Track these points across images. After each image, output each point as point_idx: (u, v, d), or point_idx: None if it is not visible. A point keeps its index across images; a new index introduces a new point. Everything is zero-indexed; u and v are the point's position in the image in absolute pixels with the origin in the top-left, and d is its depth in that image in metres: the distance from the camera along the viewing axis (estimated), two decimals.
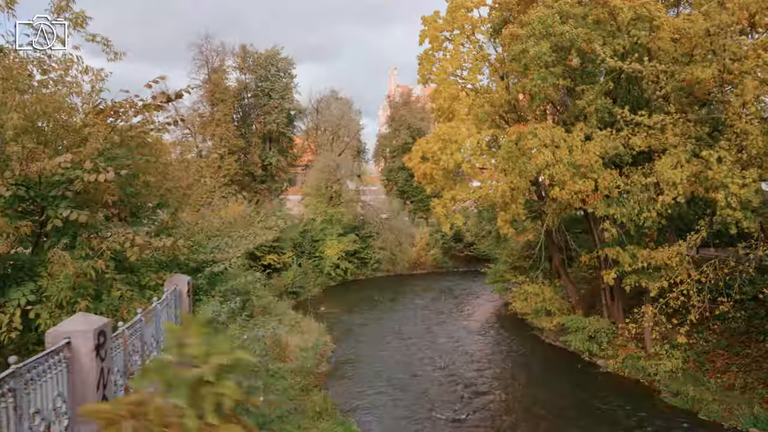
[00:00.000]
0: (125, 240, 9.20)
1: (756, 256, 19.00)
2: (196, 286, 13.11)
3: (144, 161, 11.14)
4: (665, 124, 17.96)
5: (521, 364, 27.38)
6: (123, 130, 11.01)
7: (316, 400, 19.84)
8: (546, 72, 21.71)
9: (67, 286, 8.33)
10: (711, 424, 19.69)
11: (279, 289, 39.52)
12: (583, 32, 19.62)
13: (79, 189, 8.87)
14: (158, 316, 8.54)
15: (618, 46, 19.49)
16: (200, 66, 50.19)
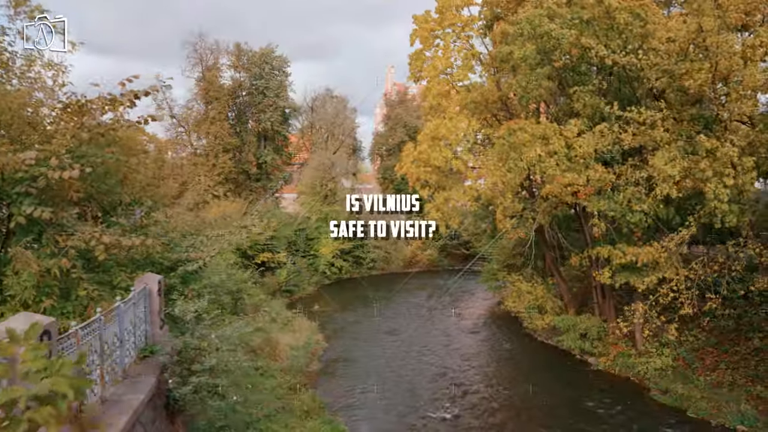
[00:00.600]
0: (91, 238, 9.14)
1: (746, 255, 19.01)
2: (170, 285, 13.04)
3: (114, 159, 11.03)
4: (655, 120, 17.94)
5: (513, 363, 27.42)
6: (92, 127, 10.91)
7: (304, 399, 19.84)
8: (533, 73, 21.74)
9: (31, 284, 8.29)
10: (699, 421, 19.73)
11: (273, 287, 39.49)
12: (570, 33, 19.60)
13: (42, 186, 8.80)
14: (121, 316, 8.50)
15: (615, 45, 19.47)
16: (194, 64, 50.06)
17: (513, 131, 22.20)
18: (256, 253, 39.53)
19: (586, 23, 19.43)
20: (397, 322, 34.89)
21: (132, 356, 9.49)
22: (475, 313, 37.19)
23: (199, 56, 49.97)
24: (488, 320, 35.18)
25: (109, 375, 8.39)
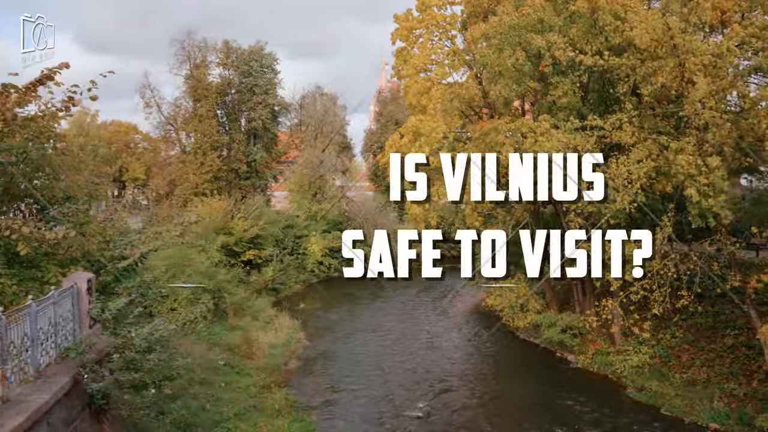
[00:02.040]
0: (7, 228, 8.97)
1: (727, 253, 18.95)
2: (104, 282, 12.91)
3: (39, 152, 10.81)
4: (623, 122, 17.90)
5: (493, 361, 27.38)
6: (8, 118, 10.66)
7: (276, 398, 19.78)
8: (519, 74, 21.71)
9: None
10: (673, 419, 19.71)
11: (259, 285, 39.41)
12: (558, 38, 19.58)
13: None
14: (33, 315, 8.40)
15: (600, 45, 19.42)
16: (182, 62, 49.93)
17: (486, 133, 22.17)
18: (242, 250, 39.42)
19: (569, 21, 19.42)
20: (382, 319, 34.85)
21: (51, 356, 9.43)
22: (460, 311, 37.18)
23: (187, 54, 49.85)
24: (472, 318, 35.16)
25: (16, 375, 8.29)
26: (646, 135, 17.94)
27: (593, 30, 20.25)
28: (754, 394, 19.40)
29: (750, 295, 18.68)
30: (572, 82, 20.64)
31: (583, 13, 19.94)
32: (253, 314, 32.20)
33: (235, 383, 21.18)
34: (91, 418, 8.78)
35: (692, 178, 15.92)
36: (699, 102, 15.98)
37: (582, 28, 19.57)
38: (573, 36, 19.38)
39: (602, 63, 17.43)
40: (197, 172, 49.07)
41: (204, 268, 28.38)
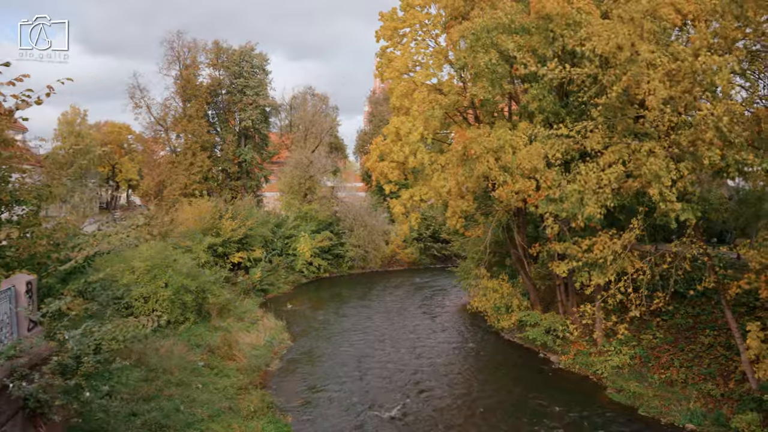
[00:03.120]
0: None
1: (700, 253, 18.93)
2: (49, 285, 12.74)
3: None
4: (589, 129, 17.90)
5: (474, 361, 27.33)
6: None
7: (252, 399, 19.70)
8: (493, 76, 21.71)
9: None
10: (650, 420, 19.67)
11: (247, 286, 39.35)
12: (524, 41, 19.61)
13: None
14: None
15: (557, 51, 19.45)
16: (171, 62, 49.92)
17: (466, 144, 22.17)
18: (230, 251, 39.36)
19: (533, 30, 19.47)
20: (368, 320, 34.80)
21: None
22: (446, 312, 37.13)
23: (176, 54, 49.82)
24: (458, 318, 35.11)
25: None
26: (617, 139, 17.90)
27: (549, 37, 20.34)
28: (730, 394, 19.38)
29: (726, 297, 18.62)
30: (542, 87, 20.64)
31: (539, 24, 20.05)
32: (239, 315, 32.18)
33: (213, 384, 21.10)
34: (24, 423, 8.66)
35: (659, 180, 15.88)
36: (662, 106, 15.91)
37: (540, 36, 19.67)
38: (534, 44, 19.41)
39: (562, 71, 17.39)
40: (187, 172, 49.05)
41: (187, 269, 28.30)
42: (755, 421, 17.55)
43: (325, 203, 50.37)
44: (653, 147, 16.70)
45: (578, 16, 18.01)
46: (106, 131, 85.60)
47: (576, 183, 17.80)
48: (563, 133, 18.18)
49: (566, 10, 18.15)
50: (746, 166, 15.94)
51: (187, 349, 24.03)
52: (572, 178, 18.37)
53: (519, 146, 19.86)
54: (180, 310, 26.68)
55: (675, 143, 16.51)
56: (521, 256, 29.10)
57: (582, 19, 17.85)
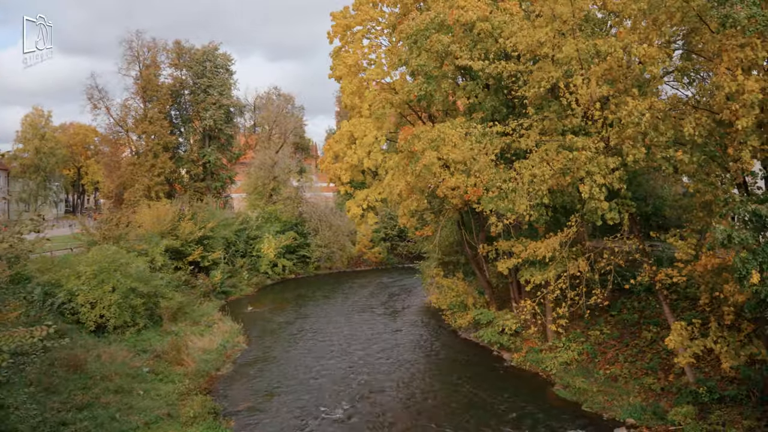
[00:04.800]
0: None
1: (630, 248, 19.11)
2: None
3: None
4: (524, 126, 17.97)
5: (429, 360, 27.31)
6: None
7: (194, 405, 19.37)
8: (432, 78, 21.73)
9: None
10: (593, 415, 19.82)
11: (207, 289, 38.84)
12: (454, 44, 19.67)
13: None
14: None
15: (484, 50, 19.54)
16: (131, 62, 49.04)
17: (411, 139, 22.13)
18: (190, 253, 38.80)
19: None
20: (329, 321, 34.60)
21: None
22: (408, 311, 37.10)
23: (136, 54, 48.96)
24: (418, 318, 35.09)
25: None
26: (551, 136, 17.99)
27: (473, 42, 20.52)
28: (669, 388, 19.63)
29: (662, 291, 18.85)
30: (476, 84, 20.68)
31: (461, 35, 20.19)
32: (195, 319, 31.76)
33: (156, 391, 20.74)
34: None
35: (591, 176, 15.98)
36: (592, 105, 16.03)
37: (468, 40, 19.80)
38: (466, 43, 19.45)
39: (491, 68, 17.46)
40: (148, 174, 48.28)
41: (138, 273, 27.80)
42: (691, 414, 17.79)
43: (289, 204, 49.99)
44: (585, 144, 16.79)
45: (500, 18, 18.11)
46: (72, 133, 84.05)
47: (510, 181, 17.84)
48: (498, 131, 18.21)
49: (486, 13, 18.23)
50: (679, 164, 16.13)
51: (132, 355, 23.61)
52: (508, 176, 18.41)
53: (456, 141, 19.85)
54: (129, 314, 26.19)
55: (605, 140, 16.63)
56: (476, 254, 29.15)
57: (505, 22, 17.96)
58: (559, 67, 16.81)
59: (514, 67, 17.48)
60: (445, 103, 27.98)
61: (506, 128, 18.29)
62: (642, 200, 32.13)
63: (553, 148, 17.44)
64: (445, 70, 21.24)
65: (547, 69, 16.54)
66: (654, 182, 32.02)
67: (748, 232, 13.14)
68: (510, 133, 18.39)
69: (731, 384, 18.33)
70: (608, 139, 16.35)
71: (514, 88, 18.93)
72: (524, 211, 17.48)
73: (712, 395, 18.05)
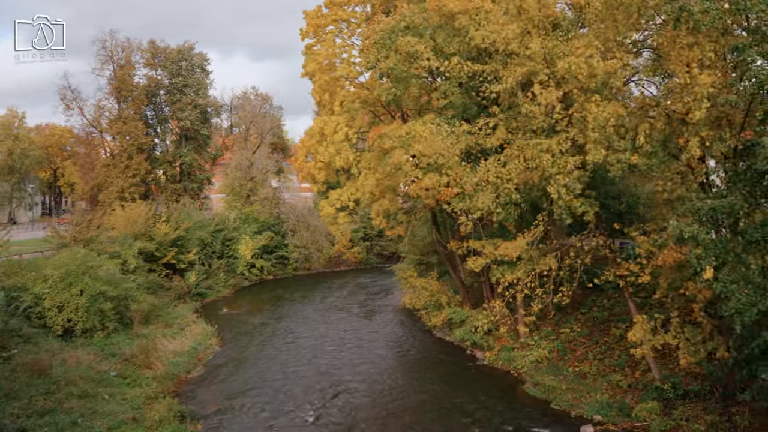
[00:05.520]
0: None
1: (597, 245, 19.24)
2: None
3: None
4: (490, 125, 18.03)
5: (402, 360, 27.28)
6: None
7: (160, 409, 19.12)
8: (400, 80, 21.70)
9: None
10: (561, 413, 19.91)
11: (181, 291, 38.42)
12: (422, 45, 19.69)
13: None
14: None
15: (459, 47, 19.56)
16: (104, 62, 48.32)
17: (380, 137, 22.08)
18: (161, 254, 38.33)
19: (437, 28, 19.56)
20: (305, 322, 34.43)
21: None
22: (384, 311, 37.02)
23: (109, 54, 48.26)
24: (395, 318, 35.05)
25: None
26: (522, 135, 18.06)
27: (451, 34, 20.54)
28: (636, 384, 19.80)
29: (627, 288, 19.01)
30: (450, 84, 20.70)
31: (442, 23, 20.21)
32: (168, 321, 31.40)
33: (122, 395, 20.44)
34: None
35: (554, 176, 16.06)
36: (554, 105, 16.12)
37: (444, 33, 19.82)
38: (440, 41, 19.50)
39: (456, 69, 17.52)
40: (123, 175, 47.58)
41: (108, 276, 27.35)
42: (655, 410, 17.98)
43: (267, 204, 49.68)
44: (549, 146, 16.88)
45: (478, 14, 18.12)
46: (47, 134, 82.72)
47: (477, 178, 17.87)
48: (466, 129, 18.23)
49: (467, 6, 18.24)
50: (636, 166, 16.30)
51: (100, 359, 23.26)
52: (474, 174, 18.46)
53: (426, 136, 19.83)
54: (97, 318, 25.77)
55: (571, 140, 16.72)
56: (449, 254, 29.17)
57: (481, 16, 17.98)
58: (525, 65, 16.84)
59: (480, 67, 17.51)
60: (417, 102, 28.03)
61: (473, 127, 18.30)
62: (616, 198, 32.48)
63: (519, 147, 17.49)
64: (413, 72, 21.20)
65: (513, 68, 16.58)
66: (628, 180, 32.35)
67: (701, 228, 13.25)
68: (476, 132, 18.40)
69: (695, 380, 18.55)
70: (574, 138, 16.43)
71: (482, 88, 18.95)
72: (490, 210, 17.51)
73: (677, 391, 18.26)
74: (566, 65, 15.51)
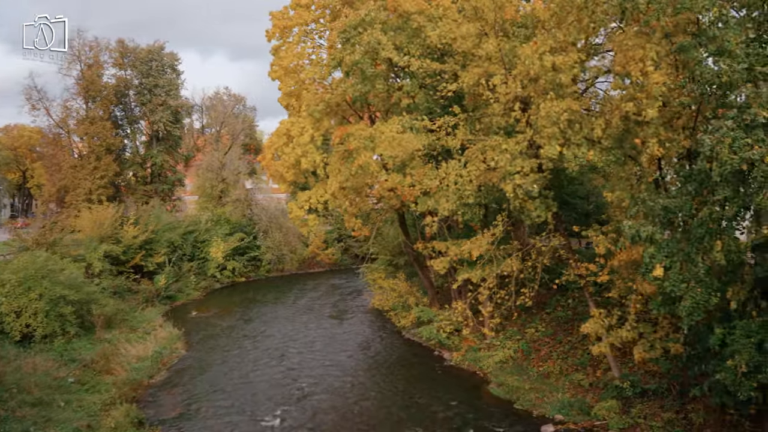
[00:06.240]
0: None
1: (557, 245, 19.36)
2: None
3: None
4: (450, 125, 18.04)
5: (370, 362, 27.14)
6: None
7: (116, 415, 18.73)
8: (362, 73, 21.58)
9: None
10: (523, 413, 20.00)
11: (150, 294, 37.79)
12: (385, 39, 19.61)
13: None
14: None
15: (419, 47, 19.56)
16: (71, 61, 47.33)
17: (347, 137, 21.96)
18: (128, 258, 37.69)
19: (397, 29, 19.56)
20: (274, 324, 34.12)
21: None
22: (356, 312, 36.90)
23: (77, 53, 47.31)
24: (365, 319, 34.95)
25: None
26: (475, 137, 18.10)
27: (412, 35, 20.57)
28: (597, 383, 19.98)
29: (588, 288, 19.16)
30: (414, 84, 20.69)
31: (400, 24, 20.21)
32: (133, 325, 30.86)
33: (79, 402, 19.99)
34: None
35: (510, 176, 16.12)
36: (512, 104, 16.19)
37: (404, 35, 19.84)
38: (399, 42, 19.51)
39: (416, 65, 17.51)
40: (91, 177, 46.69)
41: (69, 280, 26.74)
42: (614, 408, 18.13)
43: (239, 206, 49.19)
44: (508, 146, 16.92)
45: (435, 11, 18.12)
46: (16, 135, 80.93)
47: (437, 179, 17.87)
48: (427, 126, 18.19)
49: (423, 6, 18.24)
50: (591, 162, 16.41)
51: (58, 365, 22.69)
52: (435, 175, 18.45)
53: (392, 136, 19.77)
54: (58, 323, 25.17)
55: (529, 141, 16.79)
56: (417, 255, 29.14)
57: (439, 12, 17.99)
58: (481, 66, 16.89)
59: (440, 66, 17.51)
60: (385, 103, 27.94)
61: (432, 125, 18.29)
62: (584, 199, 32.84)
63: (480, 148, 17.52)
64: (378, 70, 21.13)
65: (471, 68, 16.61)
66: (596, 181, 32.71)
67: (656, 228, 13.38)
68: (436, 130, 18.39)
69: (654, 378, 18.78)
70: (532, 140, 16.50)
71: (439, 88, 18.95)
72: (452, 211, 17.53)
73: (635, 389, 18.44)
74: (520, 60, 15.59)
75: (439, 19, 18.17)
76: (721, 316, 14.02)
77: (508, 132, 19.07)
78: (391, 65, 22.11)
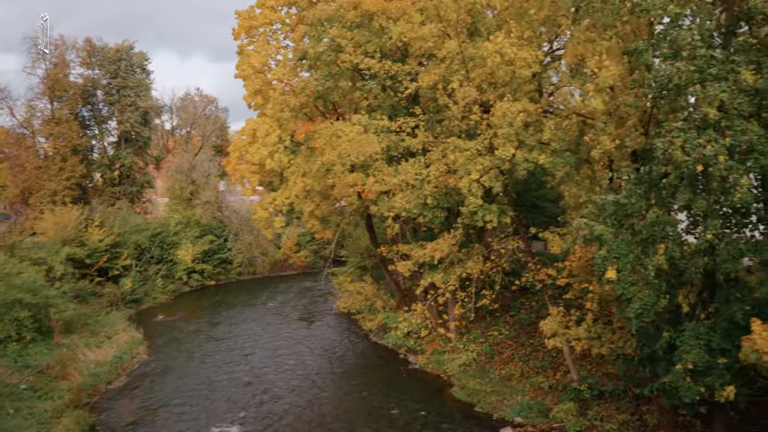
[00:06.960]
0: None
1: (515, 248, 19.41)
2: None
3: None
4: (410, 125, 18.01)
5: (334, 365, 26.88)
6: None
7: (67, 422, 18.25)
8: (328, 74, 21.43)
9: None
10: (483, 416, 20.00)
11: (115, 298, 37.01)
12: (350, 35, 19.48)
13: None
14: None
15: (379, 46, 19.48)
16: (36, 60, 46.31)
17: (312, 134, 21.78)
18: (93, 261, 36.91)
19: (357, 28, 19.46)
20: (241, 328, 33.68)
21: None
22: (325, 316, 36.64)
23: (41, 51, 46.27)
24: (334, 322, 34.73)
25: None
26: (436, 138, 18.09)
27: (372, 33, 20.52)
28: (556, 386, 20.07)
29: (546, 290, 19.24)
30: (376, 86, 20.60)
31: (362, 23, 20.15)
32: (94, 330, 30.21)
33: (30, 409, 19.43)
34: None
35: (467, 173, 16.10)
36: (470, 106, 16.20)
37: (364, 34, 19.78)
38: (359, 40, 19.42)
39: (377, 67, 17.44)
40: (56, 178, 45.65)
41: (27, 283, 26.04)
42: (572, 411, 18.22)
43: (209, 208, 48.54)
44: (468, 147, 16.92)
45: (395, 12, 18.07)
46: None
47: (397, 178, 17.80)
48: (385, 125, 18.10)
49: (385, 6, 18.18)
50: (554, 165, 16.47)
51: (11, 371, 22.08)
52: (395, 175, 18.38)
53: (353, 137, 19.64)
54: (13, 327, 24.52)
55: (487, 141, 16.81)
56: (384, 257, 29.02)
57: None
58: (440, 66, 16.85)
59: (400, 67, 17.44)
60: (351, 103, 27.80)
61: (392, 125, 18.21)
62: (554, 202, 33.07)
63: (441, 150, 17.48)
64: (342, 68, 20.97)
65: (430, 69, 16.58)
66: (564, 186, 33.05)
67: (606, 229, 13.42)
68: (397, 130, 18.33)
69: (611, 380, 18.90)
70: (491, 141, 16.51)
71: (400, 89, 18.90)
72: (410, 211, 17.47)
73: (593, 391, 18.56)
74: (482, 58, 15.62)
75: (398, 19, 18.10)
76: (669, 318, 14.13)
77: (470, 135, 19.12)
78: (355, 65, 21.98)
